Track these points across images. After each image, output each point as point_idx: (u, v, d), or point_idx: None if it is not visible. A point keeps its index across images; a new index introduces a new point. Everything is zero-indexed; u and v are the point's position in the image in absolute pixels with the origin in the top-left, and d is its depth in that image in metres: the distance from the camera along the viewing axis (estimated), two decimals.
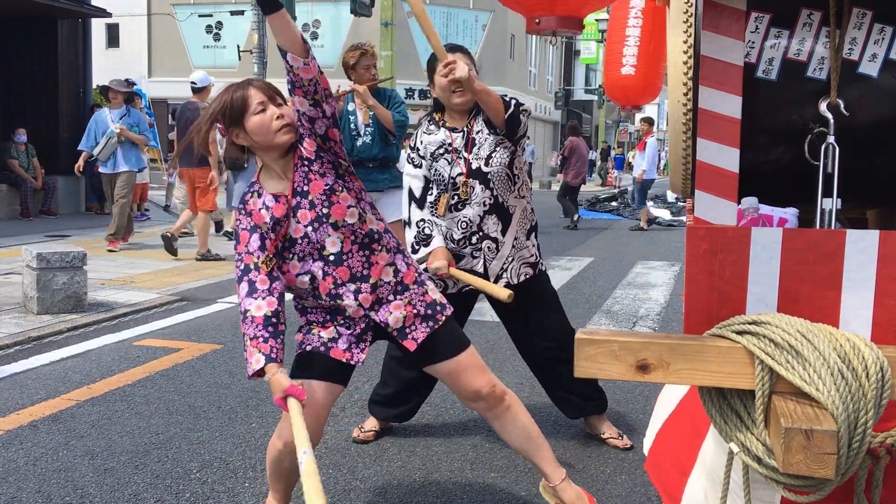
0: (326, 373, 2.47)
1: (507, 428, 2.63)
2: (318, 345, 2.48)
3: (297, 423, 2.14)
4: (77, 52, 12.99)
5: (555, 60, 40.69)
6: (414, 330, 2.49)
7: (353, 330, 2.48)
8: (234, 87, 2.40)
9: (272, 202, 2.40)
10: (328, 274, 2.40)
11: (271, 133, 2.35)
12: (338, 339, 2.48)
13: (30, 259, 5.77)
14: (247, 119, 2.35)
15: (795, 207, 2.33)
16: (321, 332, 2.49)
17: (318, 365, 2.48)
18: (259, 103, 2.35)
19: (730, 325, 1.82)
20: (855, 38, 2.12)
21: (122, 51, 30.42)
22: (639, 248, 11.01)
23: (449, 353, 2.52)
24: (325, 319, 2.49)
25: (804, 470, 1.54)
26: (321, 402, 2.47)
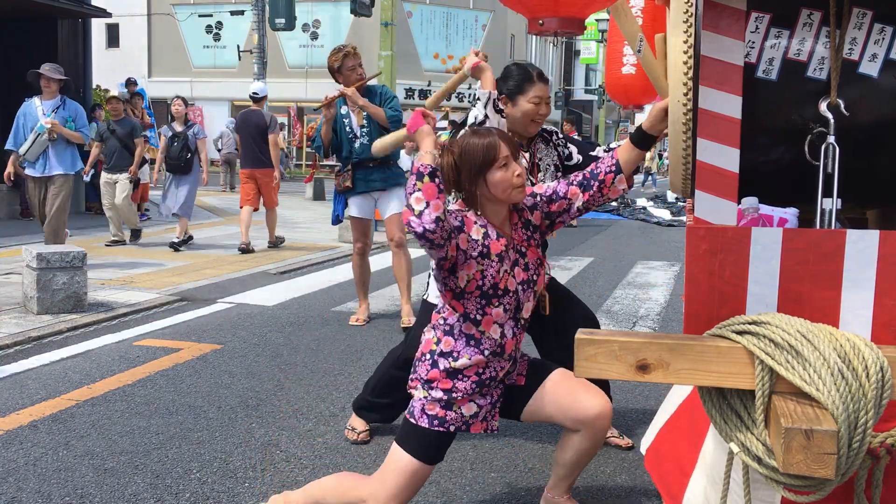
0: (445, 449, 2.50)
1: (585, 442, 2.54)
2: (461, 424, 2.43)
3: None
4: (77, 52, 13.00)
5: (555, 60, 40.70)
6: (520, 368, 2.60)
7: (491, 398, 2.48)
8: (483, 134, 2.41)
9: (494, 235, 2.40)
10: (516, 336, 2.46)
11: (509, 189, 2.37)
12: (478, 414, 2.46)
13: (30, 259, 5.77)
14: (491, 172, 2.36)
15: (795, 207, 2.33)
16: (462, 409, 2.43)
17: (447, 445, 2.48)
18: (504, 157, 2.37)
19: (730, 325, 1.82)
20: (855, 38, 2.12)
21: (122, 51, 30.41)
22: (639, 248, 11.01)
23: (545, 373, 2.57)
24: (472, 390, 2.42)
25: (804, 470, 1.54)
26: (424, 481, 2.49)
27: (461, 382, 2.40)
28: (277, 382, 4.38)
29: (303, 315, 6.10)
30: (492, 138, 2.38)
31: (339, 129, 5.53)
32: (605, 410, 2.47)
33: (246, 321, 5.84)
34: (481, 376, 2.41)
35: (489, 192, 2.38)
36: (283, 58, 28.65)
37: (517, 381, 2.57)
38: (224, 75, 29.38)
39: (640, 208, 17.10)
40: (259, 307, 6.33)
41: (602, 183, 2.47)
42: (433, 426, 2.39)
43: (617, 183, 2.46)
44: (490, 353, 2.40)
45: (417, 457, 2.39)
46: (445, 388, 2.39)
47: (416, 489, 2.43)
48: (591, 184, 2.48)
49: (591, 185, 2.48)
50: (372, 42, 23.88)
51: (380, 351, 5.06)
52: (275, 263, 8.44)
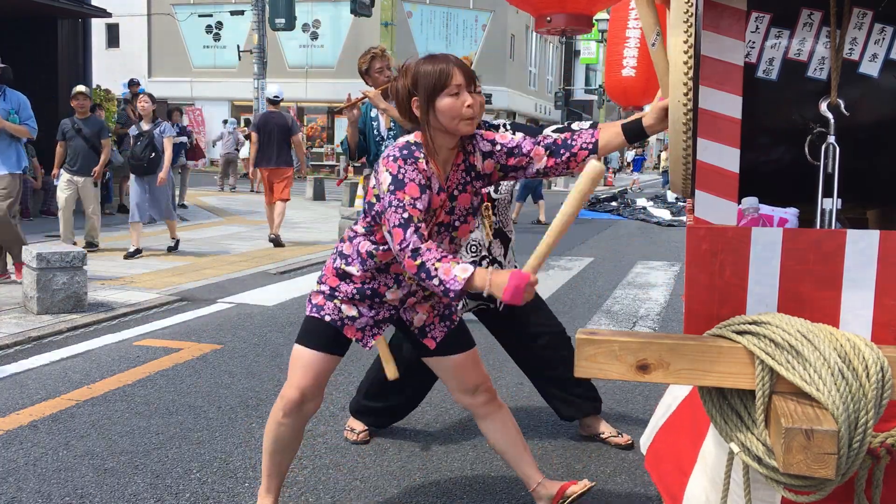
0: (331, 345, 2.56)
1: (496, 426, 2.70)
2: (336, 317, 2.53)
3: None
4: (77, 52, 12.99)
5: (555, 60, 40.70)
6: (433, 329, 2.62)
7: (376, 314, 2.55)
8: (439, 59, 2.35)
9: (436, 189, 2.37)
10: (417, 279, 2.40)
11: (456, 119, 2.32)
12: (356, 319, 2.53)
13: (30, 259, 5.78)
14: (440, 97, 2.31)
15: (795, 207, 2.33)
16: (342, 307, 2.53)
17: (327, 336, 2.55)
18: (457, 85, 2.31)
19: (730, 325, 1.82)
20: (855, 38, 2.12)
21: (122, 51, 30.40)
22: (639, 248, 11.01)
23: (458, 349, 2.63)
24: (354, 297, 2.51)
25: (804, 470, 1.54)
26: (325, 371, 2.57)
27: (345, 285, 2.51)
28: (277, 382, 4.38)
29: (303, 315, 6.09)
30: (446, 64, 2.33)
31: (368, 131, 5.51)
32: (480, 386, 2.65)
33: (246, 321, 5.84)
34: (364, 285, 2.50)
35: (437, 120, 2.33)
36: (283, 58, 28.65)
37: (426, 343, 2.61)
38: (224, 75, 29.38)
39: (640, 208, 17.11)
40: (259, 307, 6.33)
41: (574, 156, 2.40)
42: (311, 312, 2.56)
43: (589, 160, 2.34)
44: (375, 269, 2.47)
45: (302, 342, 2.56)
46: (332, 285, 2.53)
47: (308, 375, 2.54)
48: (562, 153, 2.40)
49: (561, 154, 2.40)
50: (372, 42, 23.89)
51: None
52: (275, 263, 8.44)
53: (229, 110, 28.44)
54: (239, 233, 11.12)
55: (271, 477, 2.68)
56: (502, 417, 2.71)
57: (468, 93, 2.33)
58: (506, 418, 2.71)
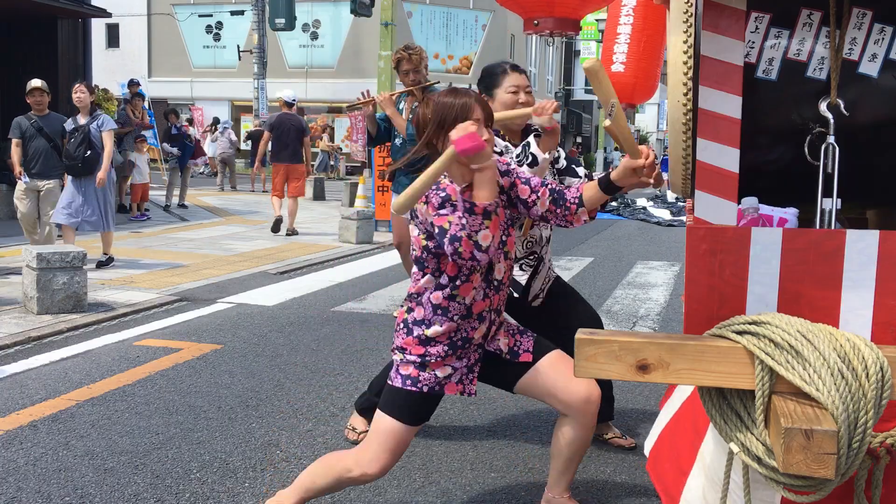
0: (429, 414, 2.54)
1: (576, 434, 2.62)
2: (434, 385, 2.48)
3: None
4: (77, 52, 12.98)
5: (555, 60, 40.70)
6: (521, 345, 2.61)
7: (468, 361, 2.52)
8: (462, 94, 2.42)
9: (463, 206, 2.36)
10: (488, 297, 2.48)
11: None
12: (451, 376, 2.50)
13: (30, 259, 5.78)
14: None
15: (795, 207, 2.33)
16: (436, 371, 2.48)
17: (427, 408, 2.52)
18: (476, 118, 2.37)
19: (730, 325, 1.82)
20: (855, 38, 2.12)
21: (122, 51, 30.39)
22: (639, 248, 11.01)
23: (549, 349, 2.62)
24: (446, 354, 2.47)
25: (804, 470, 1.54)
26: (407, 442, 2.52)
27: (433, 347, 2.47)
28: (277, 382, 4.38)
29: (303, 315, 6.10)
30: (467, 99, 2.39)
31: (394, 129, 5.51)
32: (593, 395, 2.57)
33: (246, 321, 5.84)
34: (453, 339, 2.47)
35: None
36: (283, 58, 28.64)
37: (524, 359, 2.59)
38: (224, 75, 29.37)
39: (640, 208, 17.11)
40: (259, 307, 6.33)
41: (567, 210, 2.48)
42: (406, 385, 2.47)
43: (580, 214, 2.48)
44: (459, 317, 2.45)
45: (395, 417, 2.47)
46: (419, 353, 2.47)
47: (397, 451, 2.49)
48: (560, 203, 2.49)
49: (560, 205, 2.49)
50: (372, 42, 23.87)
51: (379, 351, 5.06)
52: (275, 263, 8.44)
53: (229, 110, 28.43)
54: (239, 233, 11.12)
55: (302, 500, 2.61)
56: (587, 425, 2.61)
57: (486, 128, 2.40)
58: (589, 432, 2.64)
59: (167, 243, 9.72)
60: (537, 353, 2.61)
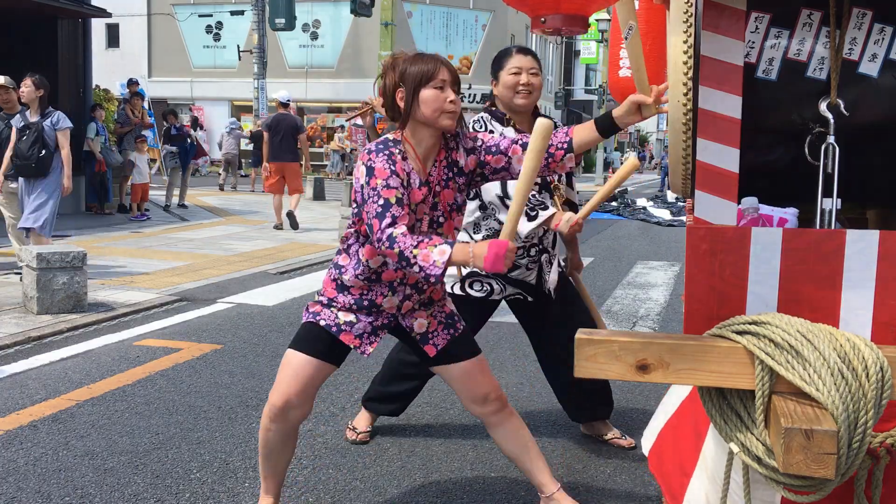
0: (325, 352, 2.54)
1: (507, 435, 2.67)
2: (332, 323, 2.53)
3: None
4: (77, 52, 12.98)
5: (555, 60, 40.69)
6: (435, 336, 2.61)
7: (374, 320, 2.54)
8: (427, 57, 2.42)
9: (416, 184, 2.40)
10: (400, 268, 2.42)
11: (438, 111, 2.36)
12: (353, 325, 2.52)
13: (30, 259, 5.77)
14: (425, 88, 2.36)
15: (795, 207, 2.33)
16: (338, 314, 2.53)
17: (321, 342, 2.53)
18: (442, 80, 2.37)
19: (730, 325, 1.82)
20: (855, 38, 2.12)
21: (122, 51, 30.40)
22: (639, 248, 11.01)
23: (462, 357, 2.61)
24: (351, 305, 2.53)
25: (804, 470, 1.54)
26: (314, 377, 2.55)
27: (342, 296, 2.53)
28: None
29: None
30: (434, 62, 2.39)
31: None
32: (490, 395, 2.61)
33: (246, 321, 5.84)
34: (361, 297, 2.51)
35: (420, 111, 2.37)
36: (283, 58, 28.65)
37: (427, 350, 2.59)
38: (224, 75, 29.38)
39: (640, 208, 17.10)
40: (259, 307, 6.33)
41: (551, 156, 2.42)
42: (307, 318, 2.56)
43: (566, 160, 2.43)
44: (365, 278, 2.48)
45: (295, 347, 2.55)
46: (330, 296, 2.56)
47: (300, 384, 2.52)
48: None
49: None
50: (372, 42, 23.88)
51: (379, 351, 5.05)
52: (275, 263, 8.44)
53: (229, 110, 28.43)
54: (239, 233, 11.12)
55: (267, 479, 2.68)
56: (514, 425, 2.67)
57: (452, 91, 2.38)
58: (517, 426, 2.67)
59: (167, 243, 9.72)
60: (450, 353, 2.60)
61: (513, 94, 3.21)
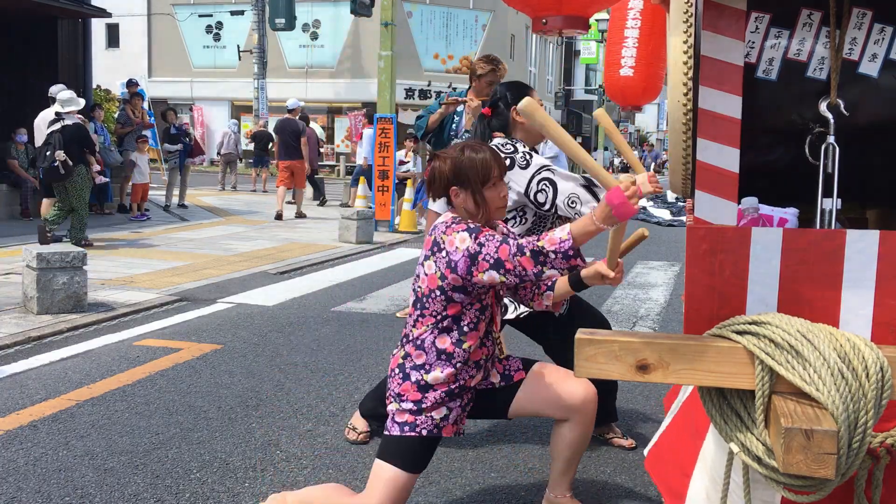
0: (428, 458, 2.51)
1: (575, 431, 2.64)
2: (432, 427, 2.45)
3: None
4: (77, 52, 12.98)
5: (555, 60, 40.68)
6: (510, 368, 2.64)
7: (462, 402, 2.51)
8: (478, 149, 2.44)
9: None
10: (485, 345, 2.50)
11: (495, 210, 2.44)
12: (448, 416, 2.48)
13: (30, 259, 5.77)
14: (486, 188, 2.41)
15: (795, 207, 2.33)
16: (433, 414, 2.45)
17: (429, 451, 2.50)
18: (497, 176, 2.43)
19: (730, 325, 1.82)
20: (855, 38, 2.12)
21: (122, 51, 30.38)
22: (639, 248, 10.98)
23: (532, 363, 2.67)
24: (443, 399, 2.45)
25: (804, 470, 1.54)
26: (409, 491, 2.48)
27: (431, 393, 2.43)
28: (277, 382, 4.38)
29: (303, 315, 6.10)
30: (486, 154, 2.42)
31: (447, 122, 5.54)
32: (589, 394, 2.59)
33: (246, 321, 5.84)
34: (451, 387, 2.44)
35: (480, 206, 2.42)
36: (283, 58, 28.63)
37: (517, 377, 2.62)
38: (224, 75, 29.35)
39: (641, 208, 17.06)
40: (259, 307, 6.33)
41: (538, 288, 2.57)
42: (404, 432, 2.43)
43: (545, 297, 2.55)
44: (461, 363, 2.43)
45: (395, 464, 2.43)
46: (416, 399, 2.43)
47: (399, 499, 2.44)
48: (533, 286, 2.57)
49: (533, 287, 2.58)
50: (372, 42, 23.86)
51: (379, 351, 5.06)
52: (275, 263, 8.44)
53: (229, 110, 28.42)
54: (239, 233, 11.12)
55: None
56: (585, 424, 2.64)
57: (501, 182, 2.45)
58: (588, 431, 2.66)
59: (167, 243, 9.72)
60: (527, 369, 2.65)
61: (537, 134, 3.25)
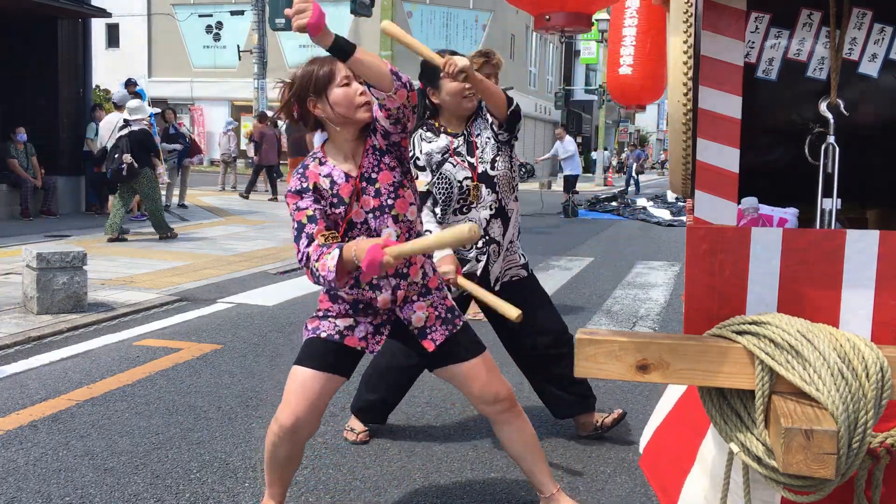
0: (333, 363, 2.51)
1: (513, 434, 2.66)
2: (333, 332, 2.51)
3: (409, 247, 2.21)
4: (77, 52, 12.98)
5: (555, 60, 40.69)
6: (434, 331, 2.56)
7: (373, 319, 2.53)
8: (321, 61, 2.42)
9: (341, 179, 2.43)
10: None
11: (353, 107, 2.38)
12: (355, 328, 2.52)
13: (30, 259, 5.77)
14: (330, 89, 2.37)
15: (795, 207, 2.33)
16: (337, 321, 2.52)
17: (327, 354, 2.51)
18: (344, 76, 2.38)
19: (730, 325, 1.82)
20: (855, 38, 2.12)
21: (122, 51, 30.39)
22: (639, 248, 11.01)
23: (466, 356, 2.57)
24: (346, 311, 2.52)
25: (804, 470, 1.54)
26: (323, 393, 2.50)
27: (337, 305, 2.54)
28: (277, 382, 4.38)
29: (303, 315, 6.10)
30: (329, 63, 2.39)
31: None
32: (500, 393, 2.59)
33: (246, 321, 5.84)
34: (356, 300, 2.52)
35: (334, 113, 2.38)
36: (283, 58, 28.64)
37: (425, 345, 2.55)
38: (224, 75, 29.36)
39: (640, 208, 17.11)
40: (259, 307, 6.33)
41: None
42: (308, 335, 2.55)
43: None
44: (350, 287, 2.48)
45: (300, 363, 2.51)
46: (325, 307, 2.57)
47: (310, 401, 2.48)
48: None
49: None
50: (372, 42, 23.86)
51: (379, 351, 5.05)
52: (275, 263, 8.44)
53: (229, 110, 28.43)
54: (239, 233, 11.13)
55: (272, 485, 2.65)
56: (520, 424, 2.65)
57: (357, 82, 2.39)
58: (524, 425, 2.66)
59: (167, 243, 9.72)
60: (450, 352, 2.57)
61: (460, 99, 3.27)
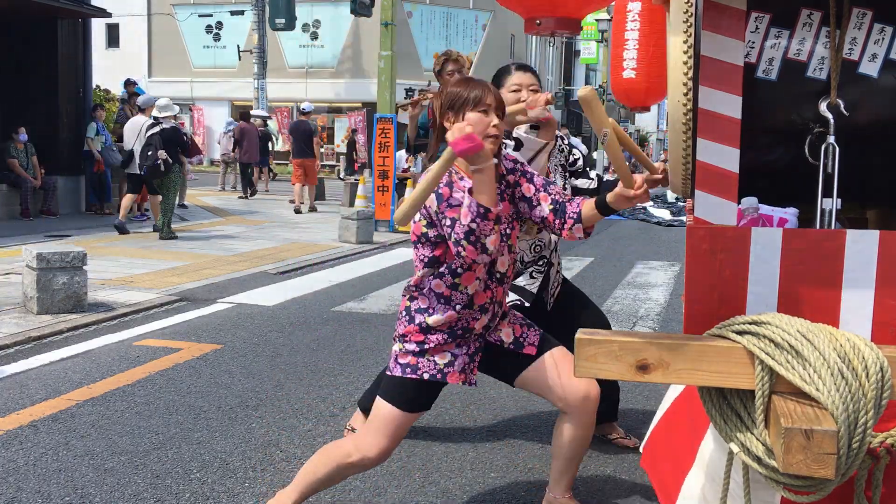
0: (425, 402, 2.54)
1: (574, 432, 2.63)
2: (435, 372, 2.48)
3: None
4: (77, 52, 12.98)
5: (555, 60, 40.68)
6: (526, 337, 2.62)
7: (468, 349, 2.53)
8: (476, 83, 2.45)
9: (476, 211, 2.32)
10: (489, 289, 2.49)
11: (482, 135, 2.38)
12: (454, 362, 2.50)
13: (30, 259, 5.77)
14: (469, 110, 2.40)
15: (795, 207, 2.33)
16: (436, 359, 2.48)
17: (422, 394, 2.51)
18: (487, 104, 2.41)
19: (730, 325, 1.82)
20: (855, 38, 2.12)
21: (122, 51, 30.38)
22: (639, 248, 11.01)
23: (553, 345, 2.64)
24: (442, 342, 2.48)
25: (804, 470, 1.54)
26: (406, 428, 2.53)
27: (433, 335, 2.48)
28: (277, 382, 4.38)
29: (303, 315, 6.10)
30: (481, 87, 2.43)
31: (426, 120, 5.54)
32: (591, 393, 2.58)
33: (246, 321, 5.84)
34: (454, 328, 2.48)
35: None
36: (283, 58, 28.64)
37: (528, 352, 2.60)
38: (224, 75, 29.35)
39: (641, 208, 17.07)
40: (259, 307, 6.33)
41: (564, 223, 2.50)
42: (405, 374, 2.48)
43: (574, 230, 2.49)
44: (461, 306, 2.46)
45: (394, 404, 2.48)
46: (418, 340, 2.48)
47: (396, 437, 2.50)
48: (559, 214, 2.50)
49: (559, 215, 2.50)
50: (372, 42, 23.86)
51: (379, 351, 5.06)
52: (275, 263, 8.44)
53: (229, 110, 28.41)
54: (239, 233, 11.13)
55: (304, 495, 2.62)
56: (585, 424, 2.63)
57: (496, 116, 2.42)
58: (589, 431, 2.64)
59: (167, 243, 9.72)
60: (542, 347, 2.62)
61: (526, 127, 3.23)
